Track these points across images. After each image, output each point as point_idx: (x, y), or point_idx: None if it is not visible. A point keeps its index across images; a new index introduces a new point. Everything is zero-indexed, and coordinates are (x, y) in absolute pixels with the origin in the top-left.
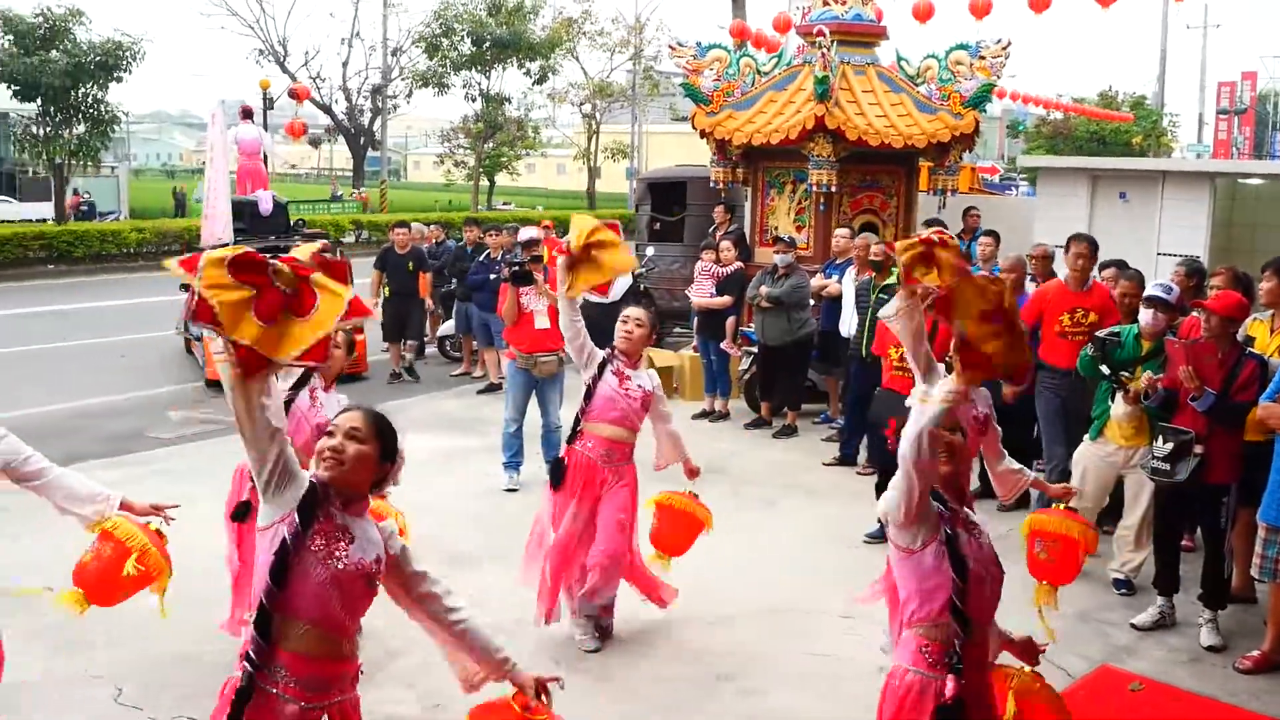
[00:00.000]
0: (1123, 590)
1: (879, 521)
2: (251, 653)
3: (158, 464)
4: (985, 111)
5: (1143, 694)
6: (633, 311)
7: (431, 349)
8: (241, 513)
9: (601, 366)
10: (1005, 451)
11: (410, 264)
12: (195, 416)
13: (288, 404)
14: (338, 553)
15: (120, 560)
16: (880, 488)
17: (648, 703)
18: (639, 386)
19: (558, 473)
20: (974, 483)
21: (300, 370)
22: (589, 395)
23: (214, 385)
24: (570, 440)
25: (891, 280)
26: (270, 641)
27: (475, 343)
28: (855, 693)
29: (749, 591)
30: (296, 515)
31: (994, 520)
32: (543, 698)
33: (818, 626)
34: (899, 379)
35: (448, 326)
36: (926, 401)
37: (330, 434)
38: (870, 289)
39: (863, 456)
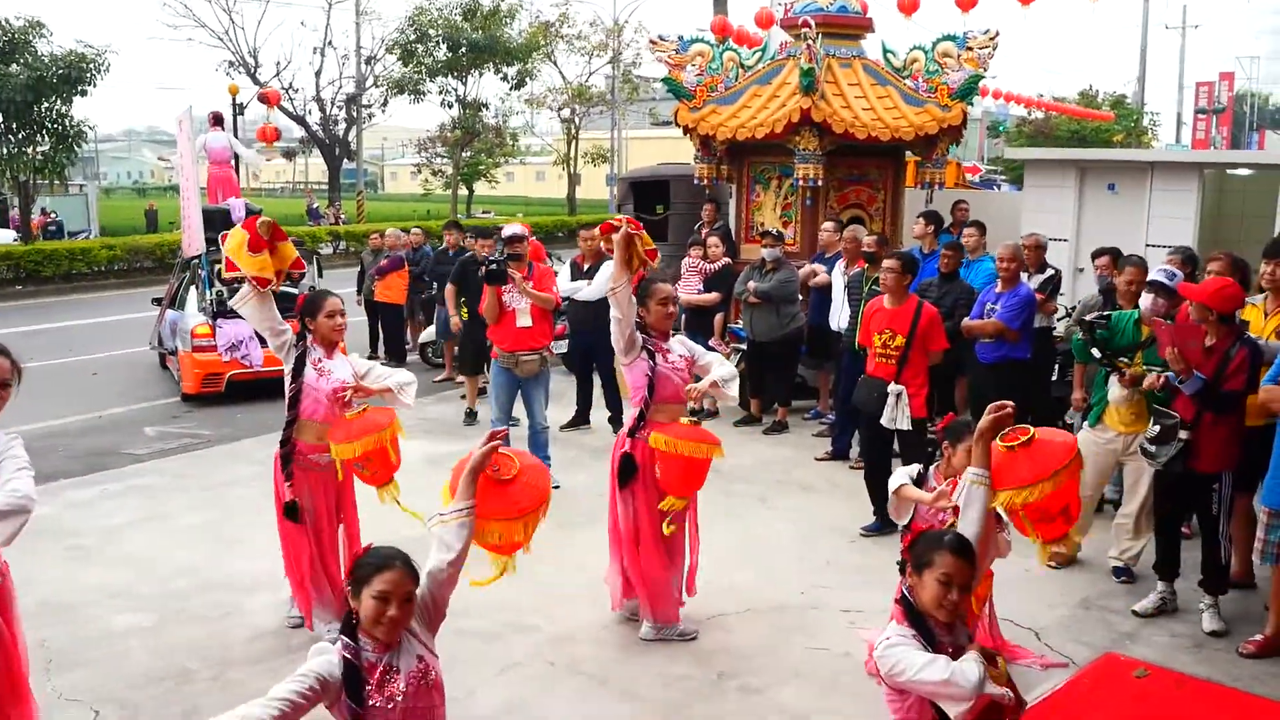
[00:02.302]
0: (1123, 578)
1: (874, 513)
2: None
3: (135, 480)
4: (972, 104)
5: (1148, 680)
6: (664, 289)
7: (413, 356)
8: (292, 512)
9: (649, 354)
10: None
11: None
12: (172, 432)
13: (296, 394)
14: (395, 693)
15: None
16: (870, 480)
17: (649, 703)
18: (680, 356)
19: (628, 471)
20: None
21: (292, 357)
22: (653, 384)
23: (190, 400)
24: (633, 433)
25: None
26: None
27: (457, 348)
28: (857, 688)
29: (747, 589)
30: (348, 698)
31: None
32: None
33: (817, 622)
34: (882, 366)
35: (429, 333)
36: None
37: (385, 600)
38: (863, 281)
39: (855, 452)
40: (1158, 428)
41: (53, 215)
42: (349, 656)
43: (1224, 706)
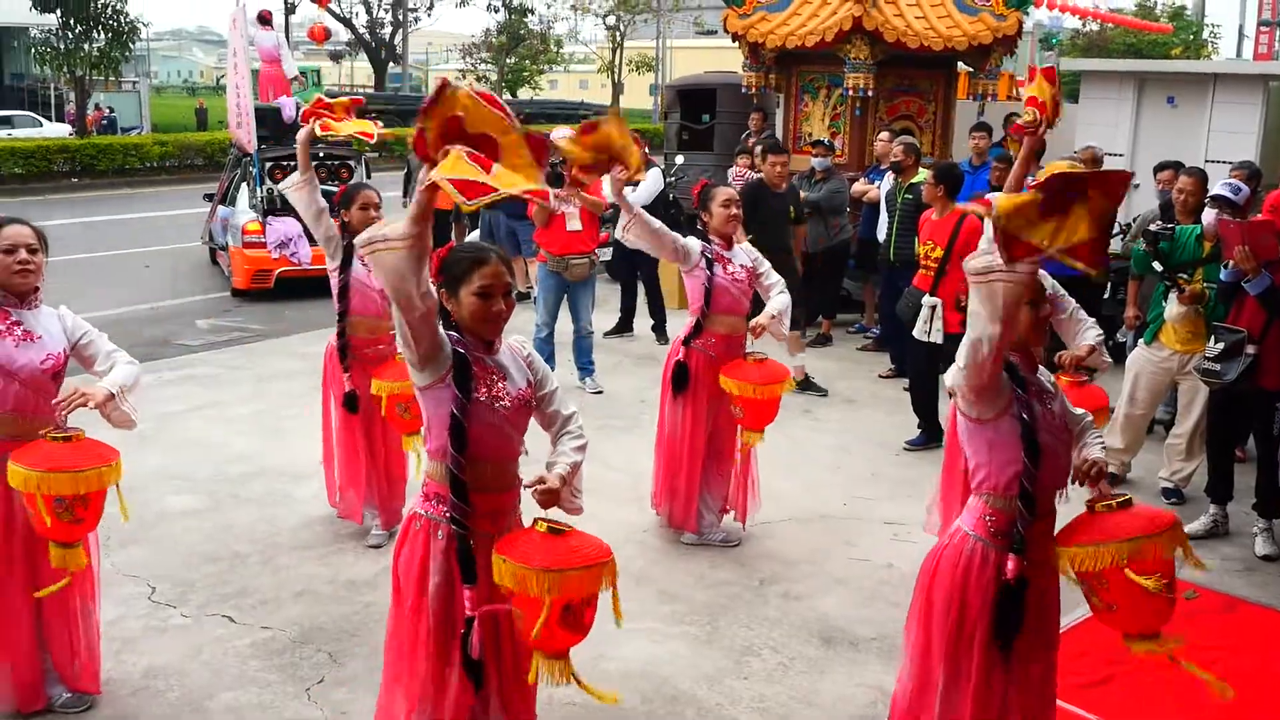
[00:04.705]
0: (1172, 500)
1: (919, 427)
2: (452, 512)
3: (188, 370)
4: (1028, 14)
5: (1197, 602)
6: (725, 192)
7: None
8: (352, 404)
9: (709, 263)
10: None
11: (791, 209)
12: (222, 325)
13: (344, 286)
14: (500, 394)
15: None
16: (914, 394)
17: (690, 604)
18: (740, 266)
19: (681, 378)
20: None
21: (340, 251)
22: (710, 296)
23: (240, 295)
24: (688, 342)
25: (916, 179)
26: (465, 494)
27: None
28: (898, 599)
29: (790, 498)
30: (456, 388)
31: None
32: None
33: (859, 532)
34: (923, 278)
35: (473, 237)
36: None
37: (489, 295)
38: (896, 191)
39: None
40: (1221, 345)
41: (107, 111)
42: (461, 350)
43: (1275, 630)
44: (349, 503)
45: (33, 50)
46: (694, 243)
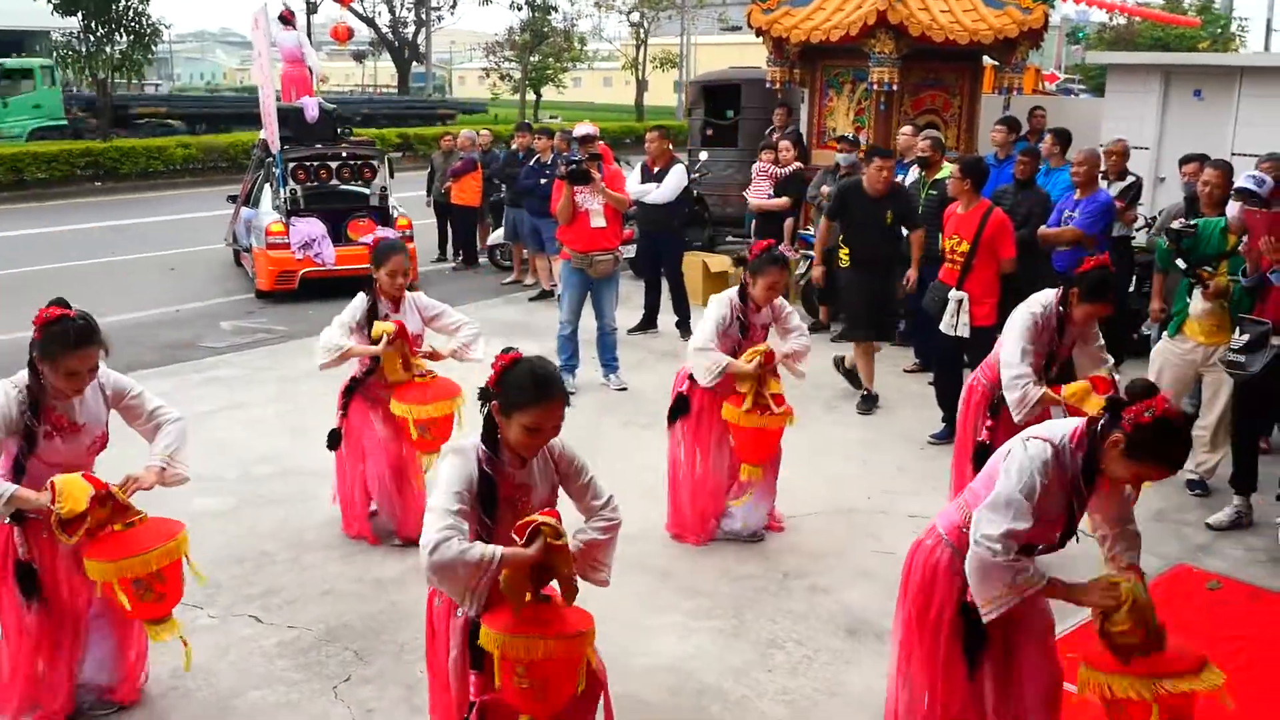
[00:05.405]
0: (1197, 491)
1: (944, 420)
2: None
3: (212, 371)
4: (1054, 7)
5: (1221, 592)
6: (774, 274)
7: (482, 258)
8: (334, 441)
9: (741, 325)
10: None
11: (889, 213)
12: (247, 326)
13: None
14: (523, 511)
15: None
16: (939, 388)
17: (714, 599)
18: (762, 326)
19: (681, 409)
20: None
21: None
22: (734, 354)
23: (265, 296)
24: (694, 377)
25: (941, 175)
26: None
27: (525, 250)
28: None
29: (814, 492)
30: (482, 511)
31: None
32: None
33: (884, 526)
34: (949, 271)
35: (497, 235)
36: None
37: (539, 433)
38: (920, 185)
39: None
40: (1246, 336)
41: None
42: (488, 470)
43: None
44: (360, 528)
45: (55, 54)
46: (730, 304)
